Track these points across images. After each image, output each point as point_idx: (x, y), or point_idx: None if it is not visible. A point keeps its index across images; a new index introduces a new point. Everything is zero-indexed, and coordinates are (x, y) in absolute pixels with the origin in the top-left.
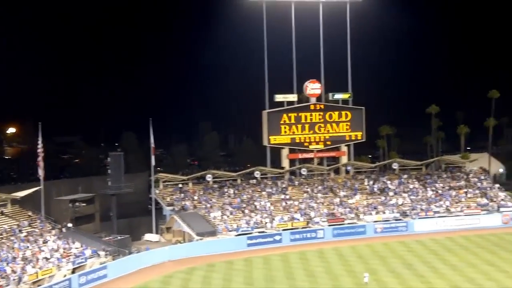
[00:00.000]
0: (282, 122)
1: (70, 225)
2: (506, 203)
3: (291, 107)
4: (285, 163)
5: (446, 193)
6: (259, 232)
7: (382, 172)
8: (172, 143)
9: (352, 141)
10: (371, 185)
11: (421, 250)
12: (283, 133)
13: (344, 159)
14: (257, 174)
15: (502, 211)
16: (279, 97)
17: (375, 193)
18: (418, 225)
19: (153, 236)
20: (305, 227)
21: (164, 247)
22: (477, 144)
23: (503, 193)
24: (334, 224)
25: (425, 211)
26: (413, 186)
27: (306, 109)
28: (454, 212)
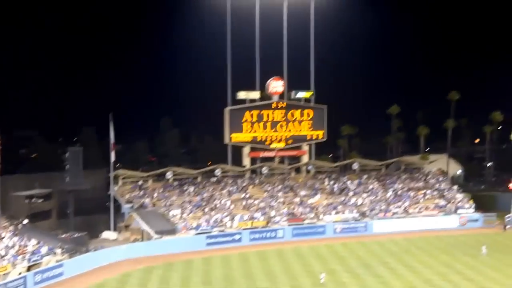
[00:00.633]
0: (244, 120)
1: (26, 222)
2: (464, 205)
3: (253, 105)
4: (246, 162)
5: (405, 194)
6: (219, 231)
7: (343, 172)
8: (133, 139)
9: (314, 141)
10: (332, 185)
11: (380, 251)
12: (245, 131)
13: (305, 158)
14: (218, 172)
15: (460, 213)
16: (242, 95)
17: (335, 193)
18: (377, 226)
19: (111, 234)
20: (265, 227)
21: (122, 246)
22: (437, 145)
23: (461, 195)
24: (294, 224)
25: (384, 212)
26: (373, 187)
27: (268, 107)
28: (413, 213)
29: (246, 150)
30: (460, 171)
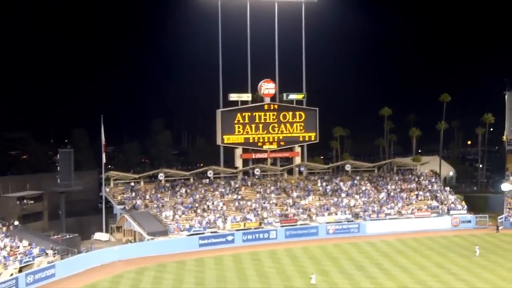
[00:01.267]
0: (236, 122)
1: (18, 223)
2: (456, 206)
3: (245, 107)
4: (239, 163)
5: (398, 195)
6: (212, 232)
7: (335, 174)
8: (124, 141)
9: (306, 142)
10: (324, 186)
11: (372, 252)
12: (237, 133)
13: (298, 160)
14: (210, 174)
15: (452, 214)
16: (233, 96)
17: (328, 194)
18: (370, 227)
19: (103, 235)
20: (258, 228)
21: (114, 247)
22: (429, 147)
23: (453, 196)
24: (287, 225)
25: (377, 213)
26: (365, 188)
27: (260, 109)
28: (405, 214)
29: (239, 152)
30: (452, 173)
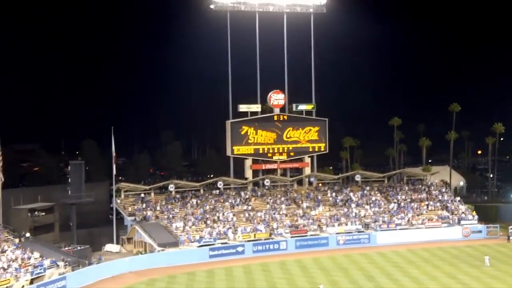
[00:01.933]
0: (246, 133)
1: (29, 235)
2: (467, 216)
3: (255, 118)
4: (248, 174)
5: (408, 206)
6: (222, 243)
7: (345, 184)
8: (134, 152)
9: (316, 153)
10: (334, 197)
11: (383, 262)
12: (247, 144)
13: (307, 171)
14: (220, 185)
15: (463, 224)
16: (243, 107)
17: (338, 205)
18: (380, 237)
19: (114, 247)
20: (268, 239)
21: (125, 258)
22: (439, 157)
23: (464, 206)
24: (297, 236)
25: (387, 223)
26: (376, 198)
27: (270, 120)
28: (416, 225)
29: (248, 163)
30: (463, 183)
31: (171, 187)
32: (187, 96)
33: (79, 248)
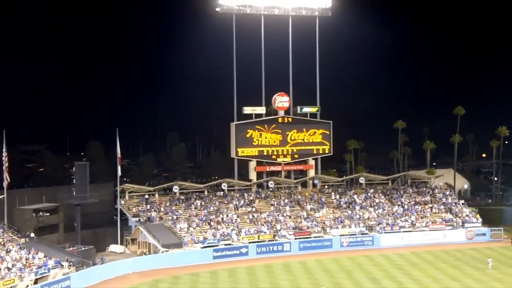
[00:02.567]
0: (250, 135)
1: (33, 235)
2: (471, 219)
3: (259, 120)
4: (253, 176)
5: (412, 208)
6: (226, 245)
7: (349, 186)
8: (139, 154)
9: (320, 155)
10: (338, 199)
11: (387, 265)
12: (251, 146)
13: (312, 173)
14: (224, 186)
15: (467, 227)
16: (248, 110)
17: (342, 207)
18: (384, 240)
19: (118, 247)
20: (272, 240)
21: (129, 259)
22: (443, 160)
23: (468, 209)
24: (301, 238)
25: (391, 226)
26: (379, 201)
27: (274, 122)
28: (420, 227)
29: (253, 165)
30: (467, 186)
31: (176, 189)
32: (192, 98)
33: (83, 249)
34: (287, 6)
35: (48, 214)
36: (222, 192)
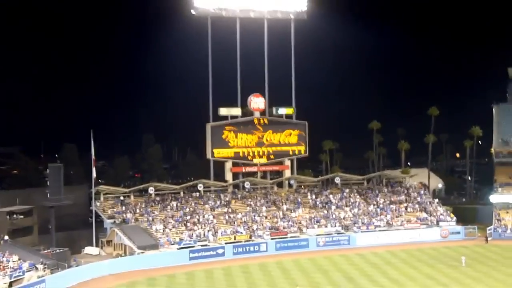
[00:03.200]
0: (226, 136)
1: (7, 238)
2: (445, 218)
3: (235, 121)
4: (229, 177)
5: (387, 208)
6: (202, 246)
7: (325, 186)
8: (114, 155)
9: (296, 156)
10: (314, 199)
11: (363, 264)
12: (227, 147)
13: (288, 173)
14: (200, 187)
15: (441, 226)
16: (223, 111)
17: (318, 207)
18: (360, 239)
19: (93, 249)
20: (248, 241)
21: (104, 261)
22: (417, 160)
23: (442, 208)
24: (277, 238)
25: (367, 225)
26: (355, 200)
27: (250, 123)
28: (395, 226)
29: (228, 165)
30: (441, 185)
31: (151, 190)
32: (168, 100)
33: (58, 251)
34: (263, 9)
35: (22, 217)
36: (198, 193)
